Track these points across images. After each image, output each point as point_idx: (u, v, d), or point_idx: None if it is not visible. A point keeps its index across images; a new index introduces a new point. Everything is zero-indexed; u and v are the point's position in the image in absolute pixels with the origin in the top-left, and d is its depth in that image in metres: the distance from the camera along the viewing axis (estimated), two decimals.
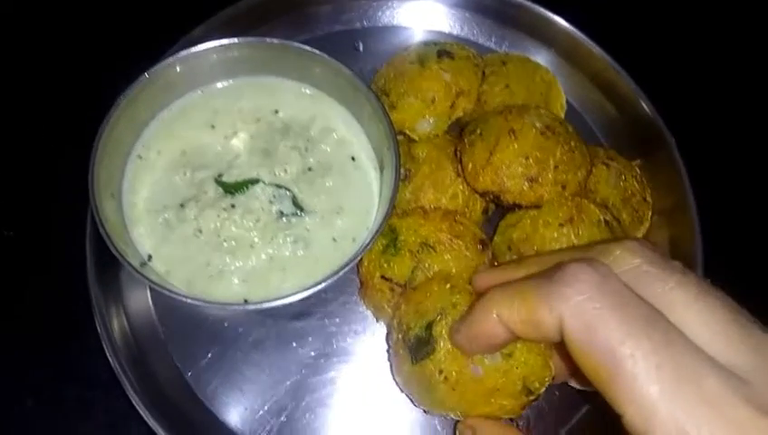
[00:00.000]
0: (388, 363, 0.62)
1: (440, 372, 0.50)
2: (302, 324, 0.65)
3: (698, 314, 0.32)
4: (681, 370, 0.30)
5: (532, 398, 0.50)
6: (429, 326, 0.52)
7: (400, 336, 0.56)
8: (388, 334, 0.60)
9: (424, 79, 0.68)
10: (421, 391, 0.54)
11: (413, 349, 0.53)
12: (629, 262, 0.36)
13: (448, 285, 0.54)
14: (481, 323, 0.43)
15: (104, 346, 0.58)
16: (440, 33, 0.82)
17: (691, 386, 0.30)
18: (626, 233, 0.67)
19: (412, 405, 0.59)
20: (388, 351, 0.59)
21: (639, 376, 0.31)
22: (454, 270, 0.59)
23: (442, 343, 0.50)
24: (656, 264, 0.35)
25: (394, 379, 0.58)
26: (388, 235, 0.61)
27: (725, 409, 0.29)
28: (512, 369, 0.48)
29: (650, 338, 0.31)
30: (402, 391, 0.58)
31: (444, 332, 0.50)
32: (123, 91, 0.58)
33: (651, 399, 0.30)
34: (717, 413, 0.29)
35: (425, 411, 0.57)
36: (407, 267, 0.60)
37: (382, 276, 0.60)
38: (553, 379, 0.50)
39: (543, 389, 0.50)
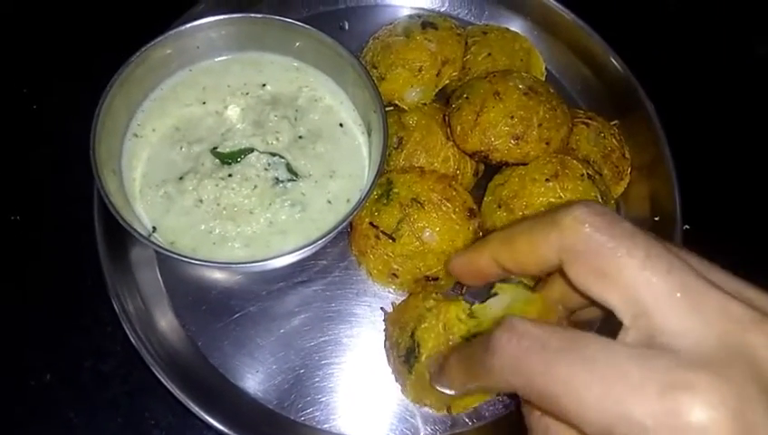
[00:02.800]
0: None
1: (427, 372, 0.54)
2: (305, 290, 0.67)
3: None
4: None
5: None
6: (412, 334, 0.56)
7: (396, 354, 0.59)
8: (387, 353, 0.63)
9: (410, 50, 0.71)
10: (429, 395, 0.57)
11: (407, 360, 0.57)
12: (579, 230, 0.36)
13: (421, 296, 0.58)
14: (476, 262, 0.47)
15: (120, 319, 0.60)
16: (423, 9, 0.84)
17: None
18: (608, 187, 0.70)
19: None
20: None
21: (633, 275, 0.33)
22: (437, 228, 0.62)
23: (424, 345, 0.54)
24: (603, 230, 0.35)
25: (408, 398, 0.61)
26: (383, 186, 0.64)
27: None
28: None
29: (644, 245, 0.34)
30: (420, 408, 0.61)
31: (425, 335, 0.54)
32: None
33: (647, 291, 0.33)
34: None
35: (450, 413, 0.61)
36: (394, 218, 0.63)
37: (370, 223, 0.64)
38: None
39: None
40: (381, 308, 0.66)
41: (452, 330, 0.53)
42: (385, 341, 0.63)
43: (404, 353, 0.57)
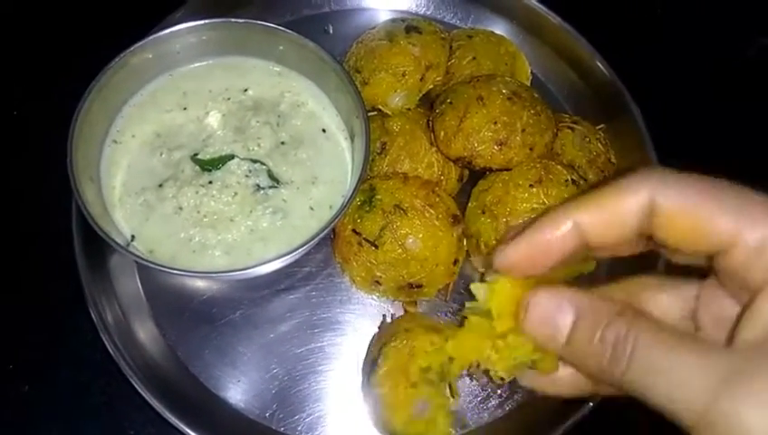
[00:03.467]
0: (372, 329, 0.64)
1: (380, 386, 0.52)
2: (288, 298, 0.66)
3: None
4: None
5: None
6: (381, 347, 0.55)
7: (364, 365, 0.60)
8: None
9: (393, 54, 0.70)
10: (373, 409, 0.56)
11: (369, 368, 0.56)
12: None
13: (410, 316, 0.58)
14: (549, 235, 0.36)
15: (98, 329, 0.60)
16: (407, 12, 0.84)
17: None
18: None
19: None
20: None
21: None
22: (420, 235, 0.62)
23: (386, 361, 0.53)
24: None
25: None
26: (366, 192, 0.64)
27: None
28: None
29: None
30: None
31: (390, 352, 0.53)
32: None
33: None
34: None
35: None
36: (377, 225, 0.62)
37: (353, 230, 0.63)
38: None
39: None
40: (383, 316, 0.65)
41: (416, 357, 0.52)
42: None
43: (370, 362, 0.57)
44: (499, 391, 0.64)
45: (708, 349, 0.30)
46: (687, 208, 0.32)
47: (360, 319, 0.66)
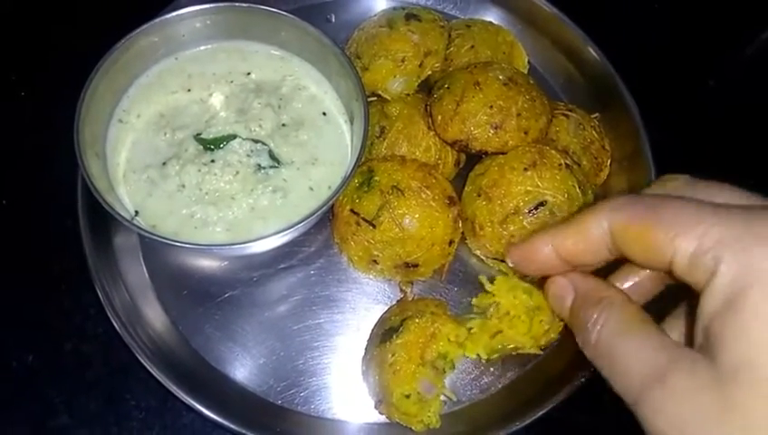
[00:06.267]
0: (369, 307, 0.67)
1: (392, 354, 0.56)
2: (287, 277, 0.68)
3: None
4: None
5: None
6: (404, 320, 0.58)
7: (377, 330, 0.61)
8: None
9: (393, 41, 0.72)
10: (375, 373, 0.59)
11: (384, 335, 0.58)
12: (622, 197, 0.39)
13: (439, 304, 0.60)
14: (535, 252, 0.41)
15: (103, 302, 0.61)
16: (408, 2, 0.86)
17: None
18: (586, 177, 0.71)
19: None
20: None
21: None
22: (417, 215, 0.63)
23: (406, 334, 0.56)
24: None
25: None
26: (364, 173, 0.65)
27: None
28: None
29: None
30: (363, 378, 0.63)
31: (413, 327, 0.57)
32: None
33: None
34: None
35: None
36: (374, 205, 0.64)
37: (351, 210, 0.65)
38: None
39: None
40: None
41: (437, 341, 0.56)
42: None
43: (386, 329, 0.59)
44: (492, 368, 0.65)
45: (655, 343, 0.34)
46: (633, 228, 0.36)
47: (358, 297, 0.67)
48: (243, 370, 0.64)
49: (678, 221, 0.33)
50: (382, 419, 0.62)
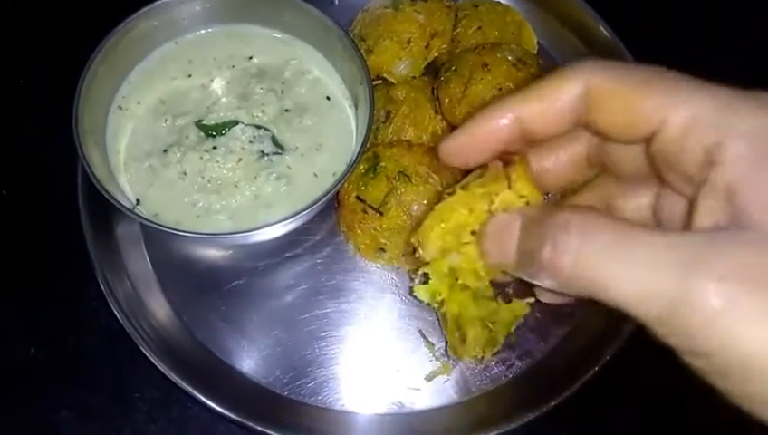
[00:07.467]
0: (377, 297, 0.65)
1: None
2: (293, 266, 0.66)
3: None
4: None
5: None
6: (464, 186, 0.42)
7: None
8: None
9: (398, 22, 0.70)
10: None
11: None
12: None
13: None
14: (490, 125, 0.37)
15: (105, 294, 0.60)
16: None
17: None
18: None
19: (403, 336, 0.63)
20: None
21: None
22: (425, 201, 0.61)
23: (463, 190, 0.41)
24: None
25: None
26: (370, 160, 0.64)
27: None
28: None
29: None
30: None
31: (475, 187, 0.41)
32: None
33: None
34: None
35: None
36: (381, 192, 0.62)
37: (357, 197, 0.63)
38: None
39: None
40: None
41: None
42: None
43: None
44: (504, 354, 0.64)
45: (667, 233, 0.29)
46: (619, 91, 0.33)
47: (365, 286, 0.66)
48: (248, 361, 0.63)
49: (673, 92, 0.32)
50: (391, 410, 0.61)
